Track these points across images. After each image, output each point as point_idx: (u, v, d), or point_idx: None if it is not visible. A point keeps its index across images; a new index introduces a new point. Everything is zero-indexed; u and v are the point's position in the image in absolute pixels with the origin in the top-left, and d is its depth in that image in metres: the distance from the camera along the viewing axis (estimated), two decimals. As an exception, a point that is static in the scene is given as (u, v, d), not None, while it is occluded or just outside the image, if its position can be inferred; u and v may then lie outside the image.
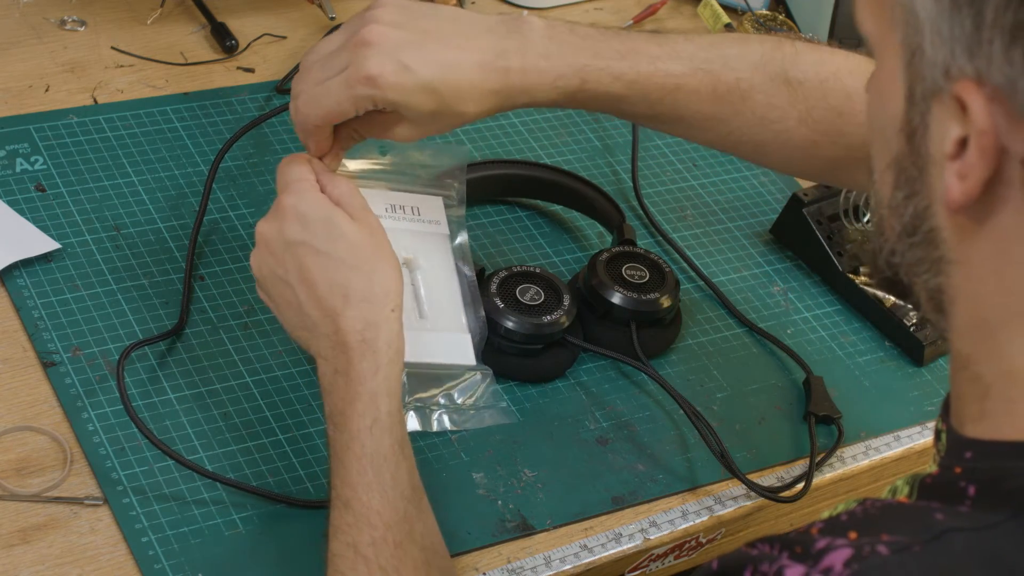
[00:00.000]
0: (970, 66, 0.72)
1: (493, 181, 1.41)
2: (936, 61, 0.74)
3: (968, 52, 0.72)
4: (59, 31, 1.50)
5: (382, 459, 1.02)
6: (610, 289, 1.27)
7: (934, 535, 0.74)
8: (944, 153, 0.75)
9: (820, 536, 0.76)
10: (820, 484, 1.25)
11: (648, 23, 1.69)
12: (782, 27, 1.69)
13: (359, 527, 1.01)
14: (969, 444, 0.80)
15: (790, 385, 1.31)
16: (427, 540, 1.02)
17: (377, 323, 1.05)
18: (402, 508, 1.02)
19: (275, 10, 1.58)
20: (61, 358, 1.19)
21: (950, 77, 0.73)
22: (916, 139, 0.77)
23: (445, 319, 1.21)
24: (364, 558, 1.00)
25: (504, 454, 1.20)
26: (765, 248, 1.44)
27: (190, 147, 1.40)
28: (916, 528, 0.75)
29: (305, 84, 1.10)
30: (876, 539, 0.74)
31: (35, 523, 1.08)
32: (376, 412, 1.03)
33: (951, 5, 0.73)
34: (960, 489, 0.77)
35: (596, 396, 1.26)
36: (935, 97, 0.75)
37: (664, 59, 1.14)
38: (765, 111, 1.16)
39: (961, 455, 0.80)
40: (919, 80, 0.76)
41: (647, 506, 1.19)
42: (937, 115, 0.75)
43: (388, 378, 1.05)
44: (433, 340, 1.20)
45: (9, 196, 1.31)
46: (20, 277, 1.24)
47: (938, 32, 0.73)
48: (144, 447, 1.14)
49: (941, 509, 0.76)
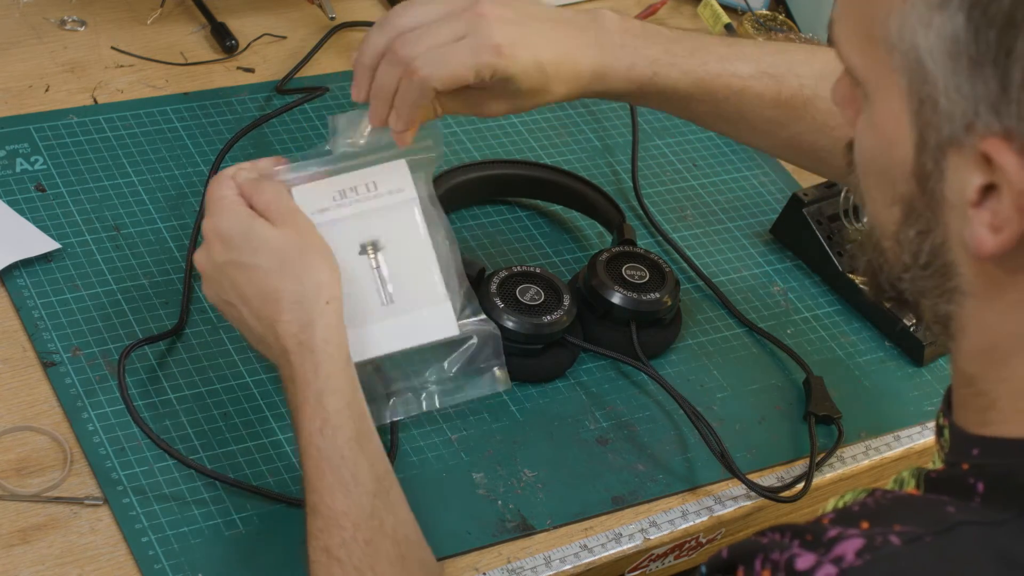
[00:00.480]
0: (997, 124, 0.72)
1: (493, 181, 1.41)
2: (954, 114, 0.74)
3: (994, 111, 0.72)
4: (59, 31, 1.50)
5: (339, 459, 1.02)
6: (610, 289, 1.27)
7: (946, 527, 0.75)
8: (965, 200, 0.75)
9: (832, 525, 0.76)
10: (820, 484, 1.25)
11: (648, 23, 1.68)
12: (782, 27, 1.69)
13: (328, 530, 1.01)
14: (976, 441, 0.80)
15: (790, 385, 1.31)
16: (400, 532, 1.02)
17: (311, 321, 1.04)
18: (368, 505, 1.01)
19: (275, 10, 1.58)
20: (61, 358, 1.19)
21: (973, 131, 0.73)
22: (930, 184, 0.77)
23: (418, 295, 1.15)
24: (337, 560, 1.00)
25: (504, 454, 1.20)
26: (765, 248, 1.44)
27: (190, 147, 1.40)
28: (928, 520, 0.75)
29: (420, 47, 1.08)
30: (888, 529, 0.75)
31: (35, 523, 1.08)
32: (324, 412, 1.03)
33: (971, 64, 0.73)
34: (969, 485, 0.77)
35: (596, 396, 1.26)
36: (952, 147, 0.75)
37: (732, 60, 1.17)
38: (826, 118, 1.18)
39: (968, 452, 0.80)
40: (932, 129, 0.75)
41: (647, 506, 1.19)
42: (955, 163, 0.75)
43: (330, 375, 1.04)
44: (407, 322, 1.15)
45: (9, 196, 1.31)
46: (20, 277, 1.24)
47: (956, 88, 0.73)
48: (144, 447, 1.13)
49: (952, 503, 0.77)
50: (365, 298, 1.13)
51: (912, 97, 0.76)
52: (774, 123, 1.20)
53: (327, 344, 1.04)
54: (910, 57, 0.75)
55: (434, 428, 1.21)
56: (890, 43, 0.76)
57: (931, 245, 0.79)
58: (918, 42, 0.74)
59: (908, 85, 0.76)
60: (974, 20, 0.72)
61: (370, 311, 1.12)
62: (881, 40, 0.76)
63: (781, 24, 1.70)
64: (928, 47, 0.74)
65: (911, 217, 0.79)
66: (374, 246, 1.14)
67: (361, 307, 1.12)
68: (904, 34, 0.75)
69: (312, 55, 1.52)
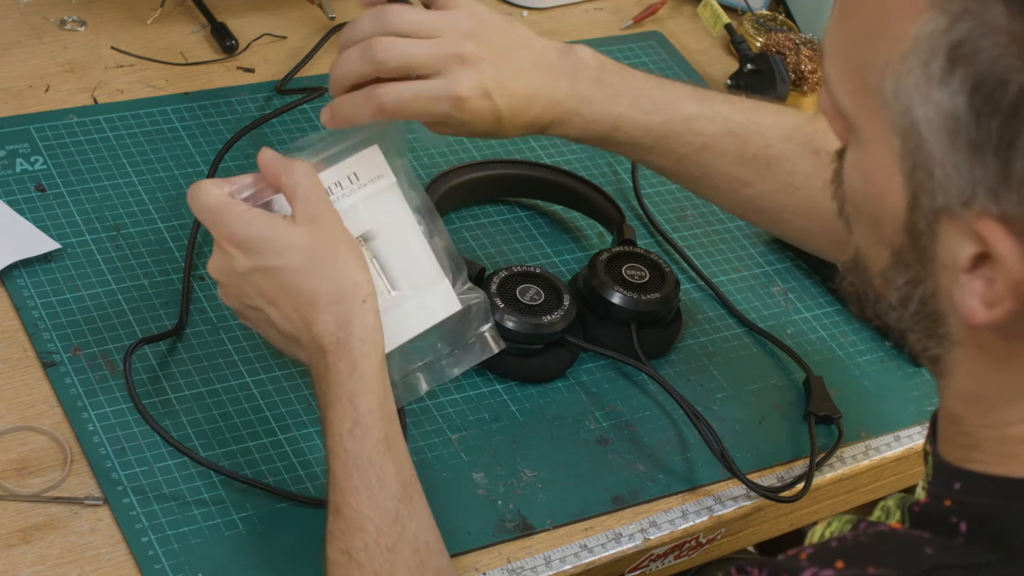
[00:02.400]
0: (995, 207, 0.70)
1: (494, 181, 1.41)
2: (949, 188, 0.71)
3: (993, 195, 0.70)
4: (59, 31, 1.50)
5: (366, 461, 1.01)
6: (610, 289, 1.27)
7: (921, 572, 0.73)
8: (957, 265, 0.73)
9: (808, 563, 0.75)
10: (820, 484, 1.25)
11: (648, 23, 1.69)
12: (782, 27, 1.69)
13: (351, 533, 1.00)
14: (958, 474, 0.79)
15: (790, 385, 1.31)
16: (421, 539, 1.02)
17: (349, 321, 1.03)
18: (392, 509, 1.01)
19: (275, 10, 1.58)
20: (61, 358, 1.19)
21: (969, 208, 0.71)
22: (922, 241, 0.74)
23: (416, 278, 1.14)
24: (358, 564, 0.99)
25: (504, 454, 1.20)
26: (765, 248, 1.44)
27: (190, 147, 1.40)
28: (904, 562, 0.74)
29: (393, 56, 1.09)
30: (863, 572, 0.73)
31: (35, 523, 1.08)
32: (355, 413, 1.02)
33: (971, 147, 0.70)
34: (951, 524, 0.76)
35: (596, 396, 1.26)
36: (946, 214, 0.72)
37: (698, 119, 1.17)
38: (790, 177, 1.17)
39: (949, 486, 0.79)
40: (926, 194, 0.73)
41: (647, 506, 1.19)
42: (948, 227, 0.73)
43: (364, 375, 1.03)
44: (415, 307, 1.14)
45: (9, 196, 1.31)
46: (20, 277, 1.24)
47: (954, 166, 0.70)
48: (144, 447, 1.14)
49: (932, 542, 0.75)
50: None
51: (906, 159, 0.73)
52: (738, 181, 1.18)
53: (363, 344, 1.03)
54: (905, 120, 0.72)
55: (434, 428, 1.21)
56: (884, 98, 0.73)
57: (921, 295, 0.77)
58: (915, 110, 0.71)
59: (902, 146, 0.73)
60: (976, 105, 0.69)
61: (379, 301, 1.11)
62: (875, 91, 0.73)
63: (781, 24, 1.70)
64: (926, 118, 0.71)
65: (900, 265, 0.77)
66: (366, 238, 1.12)
67: None
68: (900, 96, 0.72)
69: (312, 55, 1.52)
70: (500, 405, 1.24)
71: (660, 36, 1.67)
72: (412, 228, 1.14)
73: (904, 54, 0.71)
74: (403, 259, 1.13)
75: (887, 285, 0.78)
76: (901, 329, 0.80)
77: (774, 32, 1.64)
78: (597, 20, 1.68)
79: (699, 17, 1.68)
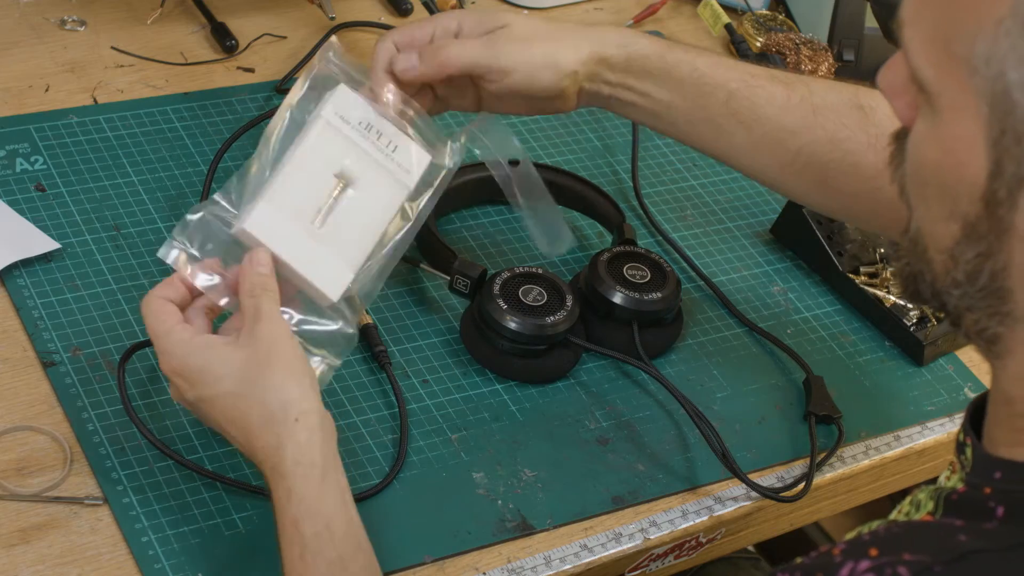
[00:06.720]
0: None
1: (494, 182, 1.40)
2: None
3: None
4: (59, 31, 1.50)
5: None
6: (611, 289, 1.27)
7: (956, 556, 0.74)
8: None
9: (842, 558, 0.75)
10: (820, 484, 1.25)
11: (648, 23, 1.69)
12: (782, 27, 1.69)
13: None
14: (999, 464, 0.79)
15: (790, 385, 1.31)
16: None
17: (281, 444, 1.02)
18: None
19: (275, 10, 1.58)
20: (61, 358, 1.19)
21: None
22: (1000, 211, 0.74)
23: (340, 246, 1.12)
24: None
25: (504, 454, 1.20)
26: (765, 248, 1.44)
27: (190, 147, 1.40)
28: (938, 549, 0.74)
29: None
30: (897, 558, 0.74)
31: (35, 523, 1.08)
32: (302, 539, 1.00)
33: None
34: (988, 509, 0.76)
35: (596, 396, 1.26)
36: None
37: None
38: (836, 130, 1.17)
39: (990, 475, 0.79)
40: (1011, 160, 0.73)
41: (647, 506, 1.19)
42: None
43: (303, 499, 1.01)
44: (310, 252, 1.11)
45: (9, 196, 1.31)
46: (20, 277, 1.24)
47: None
48: (144, 447, 1.14)
49: (964, 529, 0.76)
50: (303, 208, 1.11)
51: (993, 125, 0.73)
52: (785, 131, 1.17)
53: (297, 466, 1.01)
54: (996, 86, 0.72)
55: (434, 428, 1.21)
56: (973, 65, 0.72)
57: (990, 269, 0.76)
58: (1008, 73, 0.71)
59: (990, 112, 0.73)
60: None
61: (298, 218, 1.11)
62: (963, 59, 0.73)
63: (781, 24, 1.70)
64: (1020, 81, 0.71)
65: (971, 238, 0.76)
66: (347, 181, 1.12)
67: (295, 210, 1.11)
68: (992, 61, 0.72)
69: (312, 55, 1.52)
70: (500, 405, 1.24)
71: (660, 36, 1.67)
72: (379, 223, 1.14)
73: (1001, 17, 0.71)
74: (348, 223, 1.13)
75: (952, 262, 0.78)
76: (961, 309, 0.79)
77: (774, 32, 1.64)
78: (597, 20, 1.68)
79: (699, 17, 1.68)
